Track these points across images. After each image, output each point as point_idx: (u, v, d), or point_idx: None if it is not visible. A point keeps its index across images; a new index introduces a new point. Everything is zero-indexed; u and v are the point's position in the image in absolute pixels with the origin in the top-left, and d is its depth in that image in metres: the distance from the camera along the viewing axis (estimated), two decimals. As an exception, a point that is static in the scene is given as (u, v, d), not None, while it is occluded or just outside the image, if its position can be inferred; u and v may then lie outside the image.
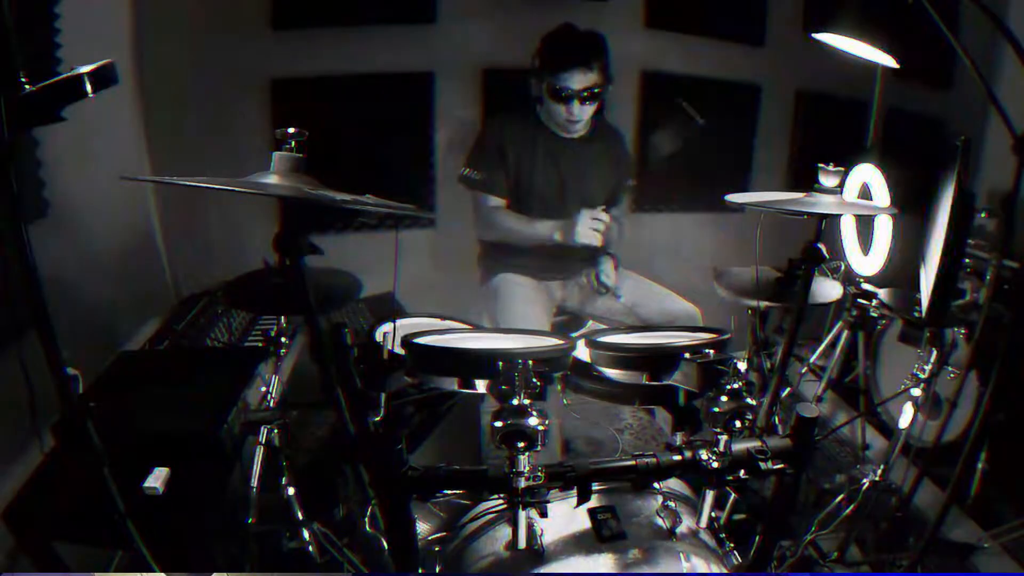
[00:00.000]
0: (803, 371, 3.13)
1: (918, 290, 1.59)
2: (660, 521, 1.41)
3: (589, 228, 2.46)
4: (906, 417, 2.19)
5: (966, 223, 1.46)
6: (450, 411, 1.80)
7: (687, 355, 1.37)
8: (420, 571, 1.41)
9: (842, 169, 1.74)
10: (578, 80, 2.44)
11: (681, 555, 1.34)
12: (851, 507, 2.24)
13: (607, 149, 2.75)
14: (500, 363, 1.27)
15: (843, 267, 2.94)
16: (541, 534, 1.34)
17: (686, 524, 1.42)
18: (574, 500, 1.28)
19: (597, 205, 2.51)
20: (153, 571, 1.13)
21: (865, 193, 2.72)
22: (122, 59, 2.64)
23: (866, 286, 2.66)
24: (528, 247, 2.64)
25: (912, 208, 2.07)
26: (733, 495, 1.86)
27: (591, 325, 2.84)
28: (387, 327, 1.53)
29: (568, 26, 2.53)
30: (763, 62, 3.49)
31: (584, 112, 2.52)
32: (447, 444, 2.04)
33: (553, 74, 2.46)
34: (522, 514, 1.27)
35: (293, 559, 1.88)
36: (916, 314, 2.23)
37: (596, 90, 2.48)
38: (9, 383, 1.79)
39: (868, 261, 2.77)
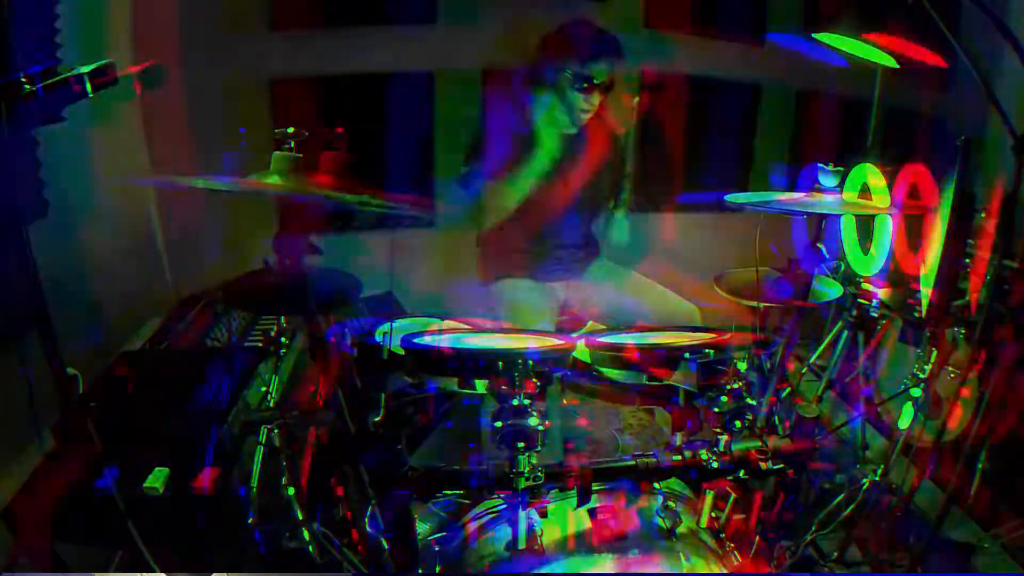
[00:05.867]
0: (803, 371, 3.13)
1: (918, 290, 1.59)
2: (660, 521, 1.41)
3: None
4: (906, 417, 2.19)
5: (966, 223, 1.46)
6: (450, 411, 1.81)
7: (687, 355, 1.37)
8: (420, 571, 1.41)
9: (842, 169, 1.74)
10: (605, 71, 2.46)
11: (681, 555, 1.34)
12: (851, 507, 2.24)
13: (604, 145, 2.75)
14: (500, 363, 1.27)
15: (843, 267, 2.94)
16: (541, 534, 1.34)
17: (686, 524, 1.42)
18: (574, 500, 1.28)
19: (597, 202, 2.50)
20: (153, 571, 1.13)
21: (865, 193, 2.72)
22: (122, 59, 2.63)
23: (866, 286, 2.66)
24: (528, 249, 2.63)
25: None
26: (733, 495, 1.86)
27: (591, 325, 2.84)
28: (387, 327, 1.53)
29: (587, 20, 2.54)
30: (763, 62, 3.48)
31: (596, 102, 2.54)
32: (447, 444, 2.04)
33: (582, 63, 2.46)
34: (522, 514, 1.27)
35: (293, 559, 1.88)
36: (916, 314, 2.23)
37: (611, 82, 2.51)
38: (9, 383, 1.79)
39: (868, 261, 2.77)
